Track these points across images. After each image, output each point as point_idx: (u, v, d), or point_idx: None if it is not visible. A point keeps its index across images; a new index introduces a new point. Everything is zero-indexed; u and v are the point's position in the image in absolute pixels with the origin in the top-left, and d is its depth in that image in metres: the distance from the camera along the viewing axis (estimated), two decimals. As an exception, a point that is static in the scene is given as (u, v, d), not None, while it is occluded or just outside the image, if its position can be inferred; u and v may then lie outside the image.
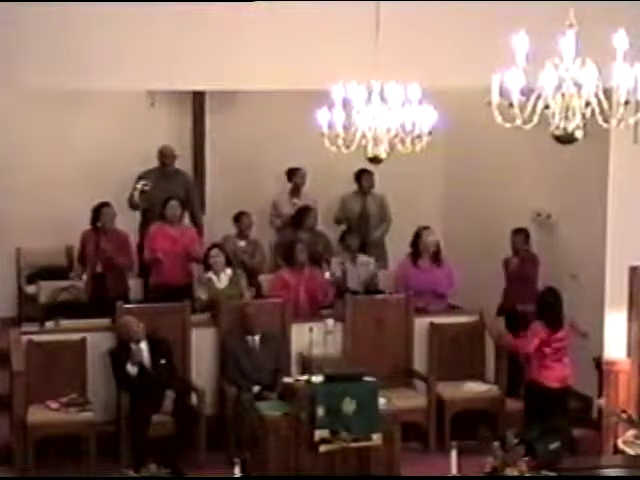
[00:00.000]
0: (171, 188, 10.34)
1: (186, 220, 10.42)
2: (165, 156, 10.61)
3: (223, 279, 9.51)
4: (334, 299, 9.64)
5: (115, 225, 9.90)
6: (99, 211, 9.80)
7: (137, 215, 10.53)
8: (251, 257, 10.41)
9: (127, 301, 9.22)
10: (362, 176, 10.91)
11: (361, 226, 10.96)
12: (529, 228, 9.91)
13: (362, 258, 10.23)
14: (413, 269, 9.66)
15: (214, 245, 9.77)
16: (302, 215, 10.63)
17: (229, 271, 9.56)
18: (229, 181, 11.26)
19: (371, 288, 10.11)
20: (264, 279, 10.11)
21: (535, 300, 8.60)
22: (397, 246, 10.84)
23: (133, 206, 10.45)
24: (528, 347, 8.39)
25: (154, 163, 10.67)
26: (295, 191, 11.06)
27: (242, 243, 10.40)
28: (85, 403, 8.48)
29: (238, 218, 10.45)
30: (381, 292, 10.08)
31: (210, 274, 9.49)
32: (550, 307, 8.39)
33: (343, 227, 10.98)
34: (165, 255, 9.74)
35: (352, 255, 10.18)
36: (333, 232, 11.04)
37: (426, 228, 9.74)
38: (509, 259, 9.91)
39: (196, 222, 10.63)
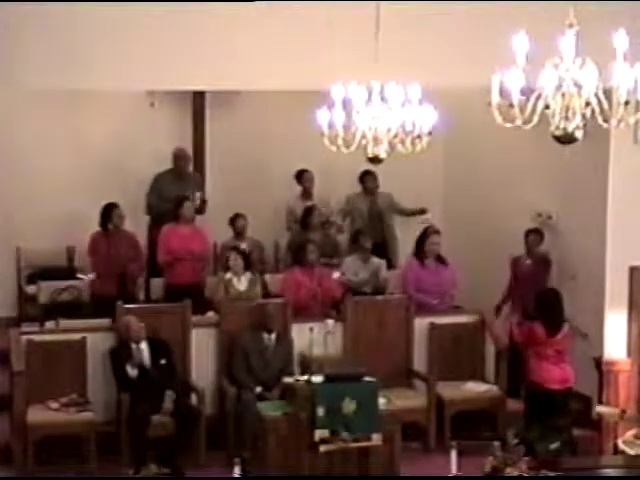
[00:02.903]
0: (185, 189, 10.42)
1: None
2: (181, 158, 10.71)
3: (243, 281, 9.54)
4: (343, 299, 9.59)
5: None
6: (110, 213, 9.79)
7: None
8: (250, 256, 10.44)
9: (135, 301, 9.24)
10: (366, 178, 10.87)
11: (375, 225, 10.90)
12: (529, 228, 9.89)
13: (374, 260, 10.09)
14: (422, 270, 9.60)
15: (233, 248, 9.81)
16: (308, 215, 10.61)
17: (248, 274, 9.59)
18: (229, 181, 11.25)
19: (381, 290, 10.01)
20: (269, 278, 10.14)
21: (535, 300, 8.50)
22: (397, 246, 10.89)
23: (151, 212, 10.53)
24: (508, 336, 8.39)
25: (153, 163, 10.68)
26: (306, 194, 11.04)
27: (242, 244, 10.39)
28: (85, 403, 8.48)
29: (234, 220, 10.46)
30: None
31: (229, 275, 9.51)
32: (551, 308, 8.32)
33: (347, 222, 10.91)
34: (182, 255, 9.79)
35: (365, 256, 10.02)
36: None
37: (436, 232, 9.70)
38: (518, 259, 9.78)
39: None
